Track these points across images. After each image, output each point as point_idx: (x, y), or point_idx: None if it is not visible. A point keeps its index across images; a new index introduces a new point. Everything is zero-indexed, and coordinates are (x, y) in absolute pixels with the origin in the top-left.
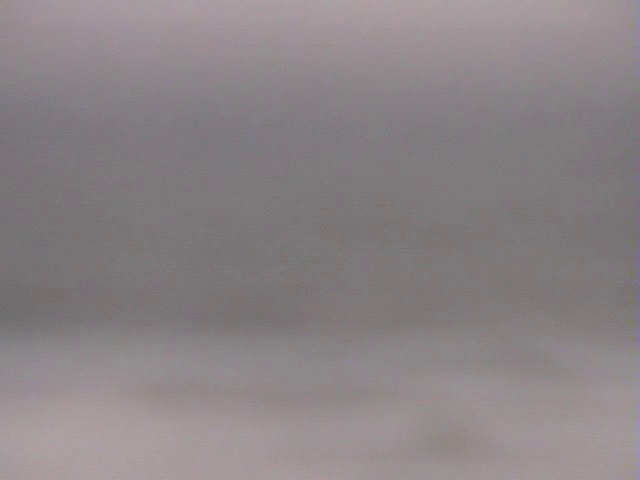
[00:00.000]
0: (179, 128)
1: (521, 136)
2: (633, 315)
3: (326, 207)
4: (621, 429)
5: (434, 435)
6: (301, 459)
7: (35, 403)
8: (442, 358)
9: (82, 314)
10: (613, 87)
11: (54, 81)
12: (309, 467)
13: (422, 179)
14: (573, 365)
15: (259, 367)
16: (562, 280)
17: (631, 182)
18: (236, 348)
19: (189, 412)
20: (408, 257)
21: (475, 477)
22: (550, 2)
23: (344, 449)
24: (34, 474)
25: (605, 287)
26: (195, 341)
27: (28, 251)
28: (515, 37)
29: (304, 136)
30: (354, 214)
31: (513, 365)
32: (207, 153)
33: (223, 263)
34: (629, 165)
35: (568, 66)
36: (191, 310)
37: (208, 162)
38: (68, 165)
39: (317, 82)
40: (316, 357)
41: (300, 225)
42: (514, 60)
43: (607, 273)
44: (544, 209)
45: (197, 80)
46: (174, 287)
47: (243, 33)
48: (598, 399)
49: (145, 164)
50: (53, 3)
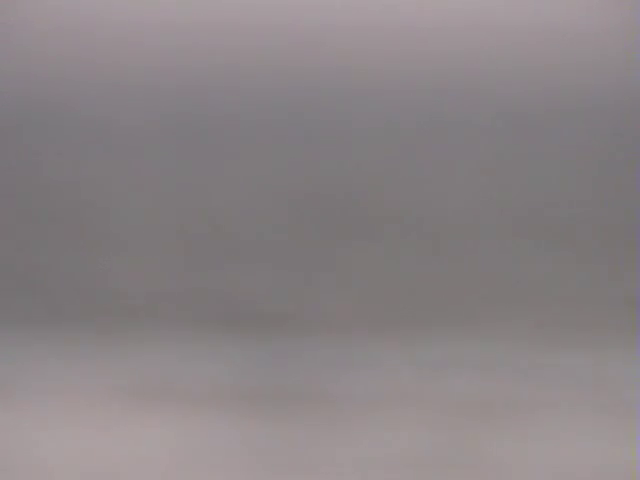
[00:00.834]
0: (179, 128)
1: (521, 136)
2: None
3: (326, 207)
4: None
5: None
6: (294, 465)
7: (33, 404)
8: (443, 361)
9: (80, 315)
10: (613, 87)
11: (54, 81)
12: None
13: (422, 178)
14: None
15: (258, 370)
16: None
17: (631, 182)
18: (236, 351)
19: (187, 414)
20: (404, 258)
21: None
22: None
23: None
24: (33, 475)
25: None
26: (193, 343)
27: (27, 252)
28: (515, 36)
29: (303, 135)
30: (354, 214)
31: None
32: (207, 152)
33: (222, 264)
34: (629, 165)
35: (568, 65)
36: (188, 312)
37: (208, 161)
38: (68, 165)
39: (317, 81)
40: (314, 360)
41: (298, 225)
42: (514, 59)
43: (606, 279)
44: (543, 209)
45: (197, 79)
46: (171, 288)
47: (243, 32)
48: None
49: (145, 163)
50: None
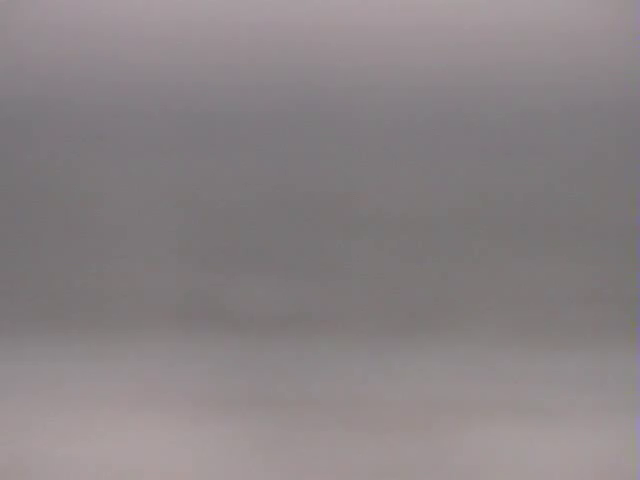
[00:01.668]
0: (178, 126)
1: (520, 135)
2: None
3: (327, 207)
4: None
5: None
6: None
7: (30, 404)
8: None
9: (81, 317)
10: (613, 86)
11: (54, 80)
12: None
13: (421, 178)
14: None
15: (257, 373)
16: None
17: (631, 181)
18: (235, 354)
19: (187, 417)
20: (395, 259)
21: None
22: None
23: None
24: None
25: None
26: (190, 345)
27: (26, 252)
28: (515, 35)
29: (304, 134)
30: (354, 213)
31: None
32: (207, 152)
33: (222, 265)
34: (629, 164)
35: (567, 64)
36: (186, 313)
37: (208, 161)
38: (67, 165)
39: (318, 80)
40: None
41: (298, 225)
42: (514, 58)
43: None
44: (542, 209)
45: (197, 79)
46: (168, 289)
47: (244, 31)
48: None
49: (145, 163)
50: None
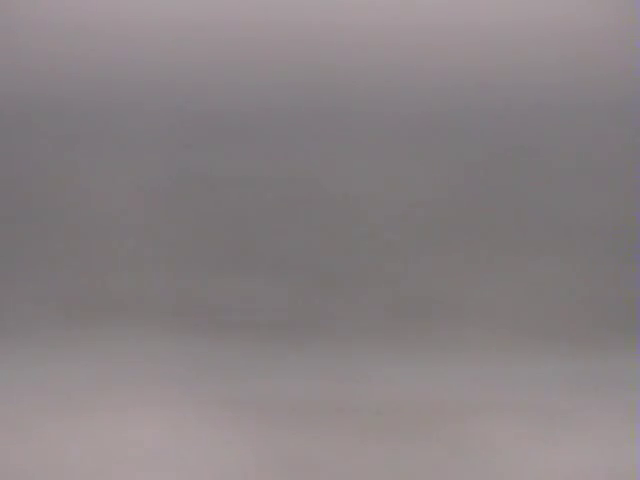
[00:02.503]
0: (179, 125)
1: (520, 135)
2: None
3: (329, 208)
4: None
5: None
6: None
7: (26, 404)
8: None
9: (83, 321)
10: (612, 86)
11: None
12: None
13: (421, 178)
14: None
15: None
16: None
17: (630, 181)
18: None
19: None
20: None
21: None
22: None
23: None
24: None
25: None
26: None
27: (26, 254)
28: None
29: (306, 133)
30: (356, 214)
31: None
32: (208, 152)
33: (224, 267)
34: (628, 164)
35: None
36: (186, 318)
37: (209, 161)
38: (67, 162)
39: (319, 79)
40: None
41: (300, 227)
42: (514, 57)
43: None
44: (542, 210)
45: (197, 76)
46: (165, 293)
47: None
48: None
49: (146, 163)
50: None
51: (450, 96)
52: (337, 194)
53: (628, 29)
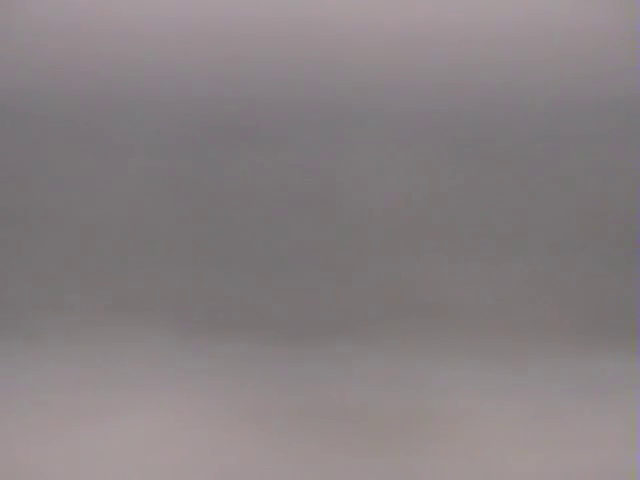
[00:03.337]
0: (179, 125)
1: (521, 136)
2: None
3: (331, 208)
4: None
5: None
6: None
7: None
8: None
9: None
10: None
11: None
12: None
13: (421, 178)
14: None
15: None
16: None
17: (630, 180)
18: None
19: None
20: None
21: None
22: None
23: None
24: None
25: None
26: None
27: (26, 256)
28: (515, 34)
29: (309, 132)
30: (358, 215)
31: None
32: (209, 152)
33: (226, 270)
34: (628, 163)
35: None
36: (188, 319)
37: (210, 161)
38: (68, 165)
39: (320, 78)
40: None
41: (301, 227)
42: (514, 57)
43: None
44: (542, 210)
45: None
46: (174, 295)
47: (247, 28)
48: None
49: (146, 160)
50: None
51: (450, 95)
52: (336, 194)
53: (628, 28)
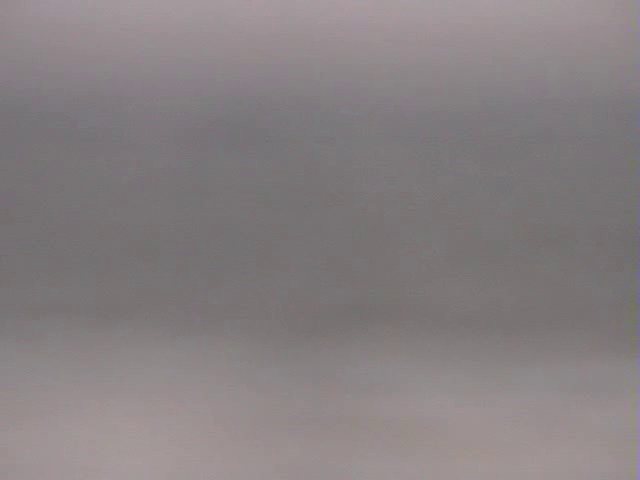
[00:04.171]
0: (180, 124)
1: (521, 137)
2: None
3: (332, 209)
4: None
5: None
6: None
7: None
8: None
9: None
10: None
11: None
12: None
13: (420, 178)
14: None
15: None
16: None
17: (630, 180)
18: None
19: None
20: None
21: None
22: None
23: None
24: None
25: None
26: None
27: (26, 258)
28: (515, 34)
29: (310, 135)
30: (360, 218)
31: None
32: (209, 152)
33: (227, 271)
34: (628, 163)
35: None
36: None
37: (211, 161)
38: (68, 166)
39: (321, 78)
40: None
41: (302, 227)
42: (514, 58)
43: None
44: (542, 211)
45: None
46: (174, 298)
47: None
48: None
49: (146, 160)
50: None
51: (450, 94)
52: (334, 194)
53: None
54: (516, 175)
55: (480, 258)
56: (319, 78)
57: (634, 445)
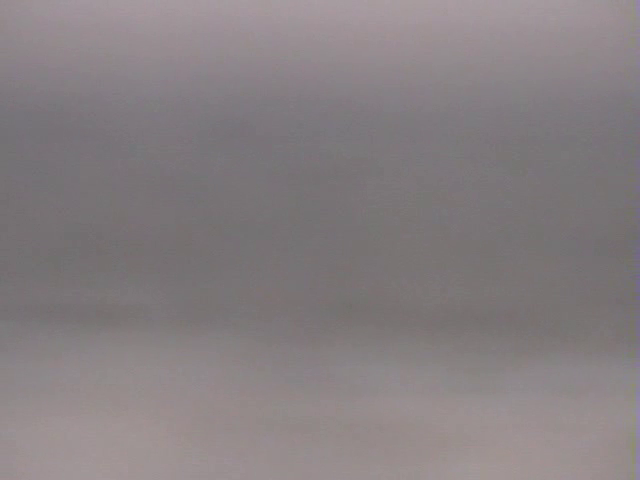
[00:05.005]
0: (181, 124)
1: (521, 136)
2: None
3: (334, 209)
4: None
5: None
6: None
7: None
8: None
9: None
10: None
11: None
12: None
13: (420, 179)
14: None
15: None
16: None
17: (630, 180)
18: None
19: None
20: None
21: None
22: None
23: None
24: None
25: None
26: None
27: (27, 259)
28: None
29: (310, 134)
30: (362, 219)
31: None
32: (209, 152)
33: (229, 271)
34: (628, 163)
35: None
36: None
37: (210, 160)
38: (69, 166)
39: (322, 78)
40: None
41: (302, 228)
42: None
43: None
44: (543, 211)
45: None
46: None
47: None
48: None
49: (146, 160)
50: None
51: (451, 94)
52: (332, 193)
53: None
54: (516, 175)
55: (477, 258)
56: (319, 78)
57: (634, 445)
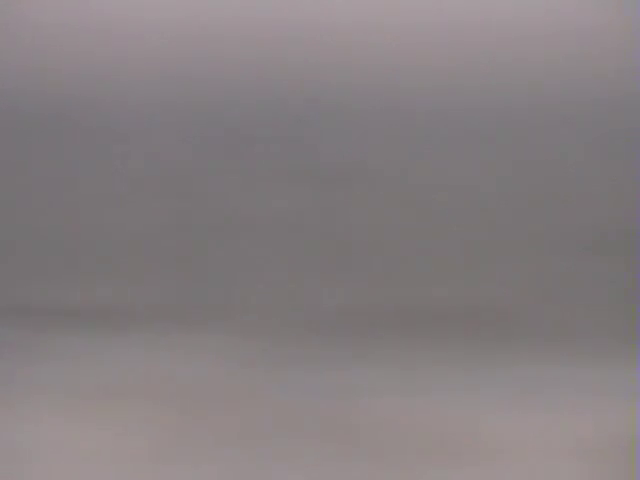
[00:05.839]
0: (181, 124)
1: (521, 135)
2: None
3: (333, 209)
4: None
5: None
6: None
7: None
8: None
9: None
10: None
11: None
12: None
13: (420, 179)
14: None
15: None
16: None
17: (630, 180)
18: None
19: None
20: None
21: None
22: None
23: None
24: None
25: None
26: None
27: (26, 260)
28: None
29: (310, 135)
30: (362, 218)
31: None
32: (209, 152)
33: (228, 271)
34: (628, 163)
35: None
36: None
37: (211, 161)
38: (69, 166)
39: (322, 79)
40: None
41: (302, 228)
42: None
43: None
44: (542, 211)
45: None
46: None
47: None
48: None
49: (146, 160)
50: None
51: (451, 95)
52: (344, 195)
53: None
54: (515, 174)
55: (478, 258)
56: (319, 78)
57: (634, 446)
